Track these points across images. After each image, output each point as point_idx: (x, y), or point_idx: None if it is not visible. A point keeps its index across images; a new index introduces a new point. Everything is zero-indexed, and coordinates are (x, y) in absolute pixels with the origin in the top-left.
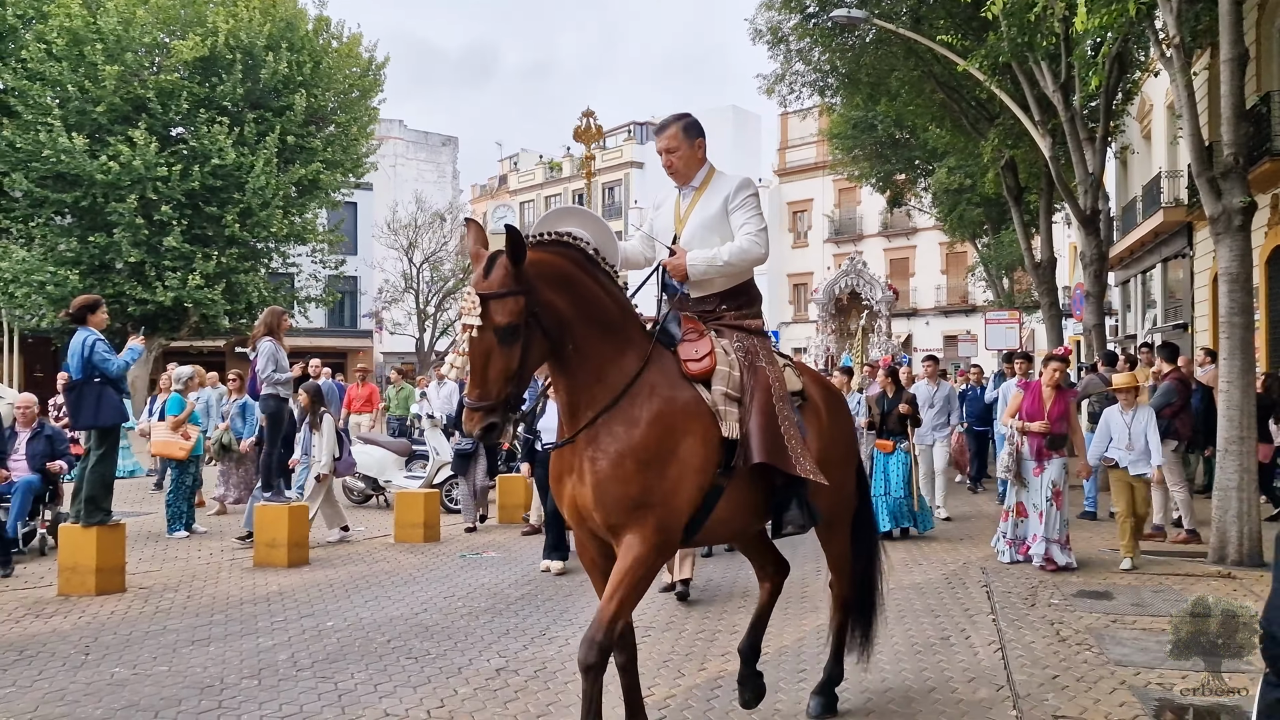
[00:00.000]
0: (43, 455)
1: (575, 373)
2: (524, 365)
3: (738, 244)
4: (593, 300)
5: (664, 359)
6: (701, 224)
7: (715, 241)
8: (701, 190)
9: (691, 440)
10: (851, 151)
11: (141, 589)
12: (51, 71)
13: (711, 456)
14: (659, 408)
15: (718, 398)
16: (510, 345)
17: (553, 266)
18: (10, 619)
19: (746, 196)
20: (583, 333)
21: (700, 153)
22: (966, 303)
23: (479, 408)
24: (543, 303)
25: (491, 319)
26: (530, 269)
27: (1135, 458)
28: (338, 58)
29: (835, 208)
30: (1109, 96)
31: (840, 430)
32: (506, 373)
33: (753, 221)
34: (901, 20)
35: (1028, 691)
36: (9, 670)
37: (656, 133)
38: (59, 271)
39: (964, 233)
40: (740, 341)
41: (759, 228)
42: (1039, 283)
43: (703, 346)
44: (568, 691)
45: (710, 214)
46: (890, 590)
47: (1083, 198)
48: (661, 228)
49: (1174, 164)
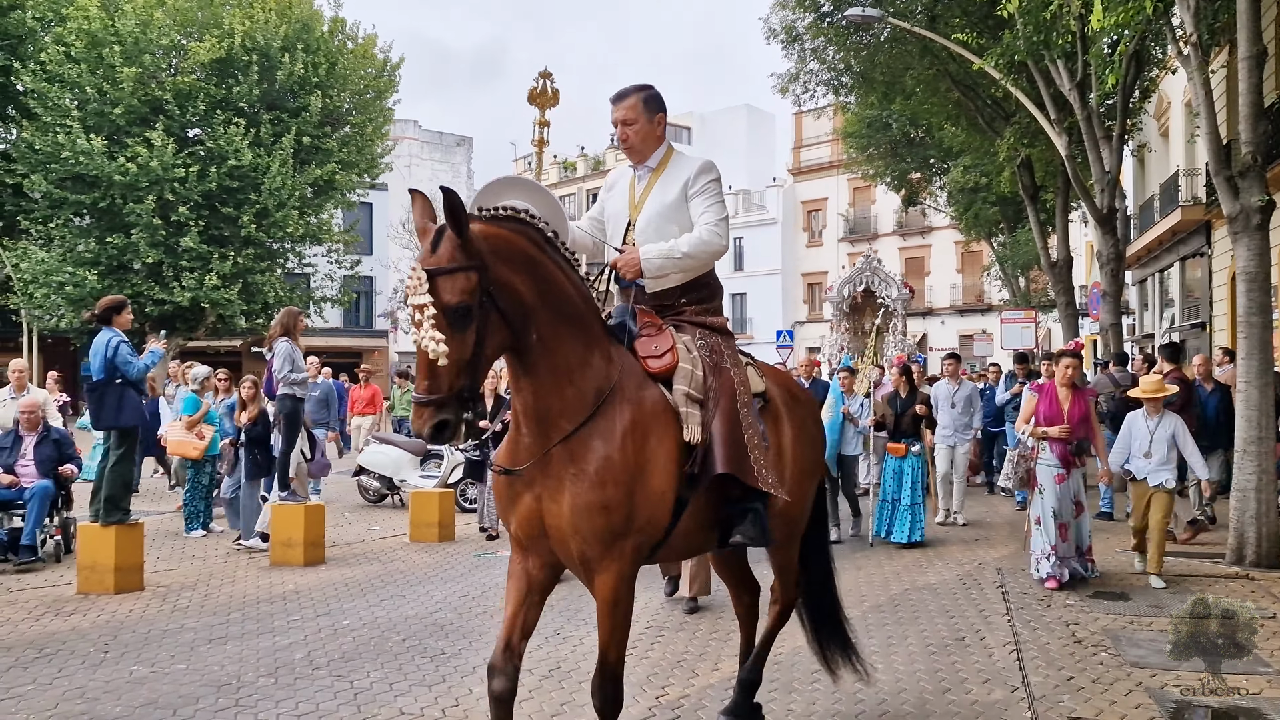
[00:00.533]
0: (51, 460)
1: (541, 370)
2: (479, 354)
3: (697, 235)
4: (556, 286)
5: (626, 355)
6: (659, 211)
7: (673, 230)
8: (659, 172)
9: (666, 448)
10: (866, 150)
11: (160, 588)
12: (70, 74)
13: (680, 465)
14: (632, 414)
15: (679, 398)
16: (462, 329)
17: (509, 243)
18: (30, 617)
19: (708, 182)
20: (547, 323)
21: (660, 130)
22: (982, 302)
23: (427, 402)
24: (499, 282)
25: (440, 298)
26: (483, 243)
27: (1154, 467)
28: (353, 59)
29: (850, 206)
30: (1126, 94)
31: (804, 436)
32: (459, 362)
33: (713, 210)
34: (917, 19)
35: (1043, 693)
36: (29, 668)
37: (613, 102)
38: (78, 272)
39: (979, 231)
40: (703, 339)
41: (720, 217)
42: (1055, 282)
43: (663, 342)
44: (582, 691)
45: (668, 199)
46: (905, 591)
47: (1099, 196)
48: (615, 211)
49: (1192, 162)
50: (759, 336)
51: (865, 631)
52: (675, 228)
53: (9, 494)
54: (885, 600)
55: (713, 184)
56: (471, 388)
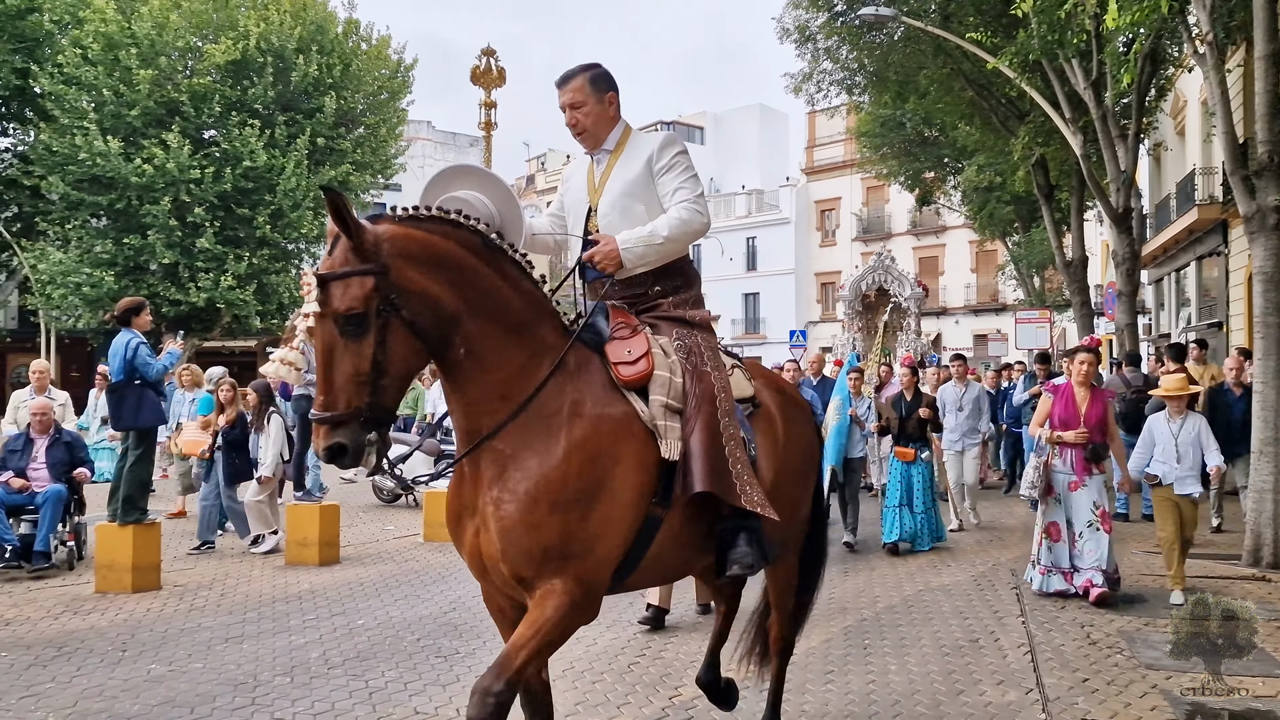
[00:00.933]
0: (64, 463)
1: (470, 384)
2: (381, 368)
3: (676, 215)
4: (490, 292)
5: (588, 364)
6: (623, 190)
7: (640, 211)
8: (618, 153)
9: (624, 468)
10: (880, 150)
11: (176, 587)
12: (87, 76)
13: (648, 483)
14: (583, 431)
15: (656, 410)
16: (357, 340)
17: (424, 245)
18: (49, 616)
19: (675, 155)
20: (477, 332)
21: (613, 110)
22: (997, 301)
23: (323, 420)
24: (405, 287)
25: (331, 305)
26: (386, 244)
27: (1183, 473)
28: (367, 60)
29: (863, 206)
30: (1141, 93)
31: (798, 443)
32: (356, 377)
33: (687, 185)
34: (930, 18)
35: (1057, 695)
36: (48, 666)
37: (558, 86)
38: (95, 273)
39: (994, 231)
40: (681, 339)
41: (695, 192)
42: (1070, 281)
43: (637, 346)
44: (595, 691)
45: (631, 178)
46: (919, 592)
47: (1115, 196)
48: (574, 201)
49: (1208, 161)
50: (772, 336)
51: (879, 632)
52: (642, 207)
53: (20, 498)
54: (899, 601)
55: (680, 157)
56: (375, 406)
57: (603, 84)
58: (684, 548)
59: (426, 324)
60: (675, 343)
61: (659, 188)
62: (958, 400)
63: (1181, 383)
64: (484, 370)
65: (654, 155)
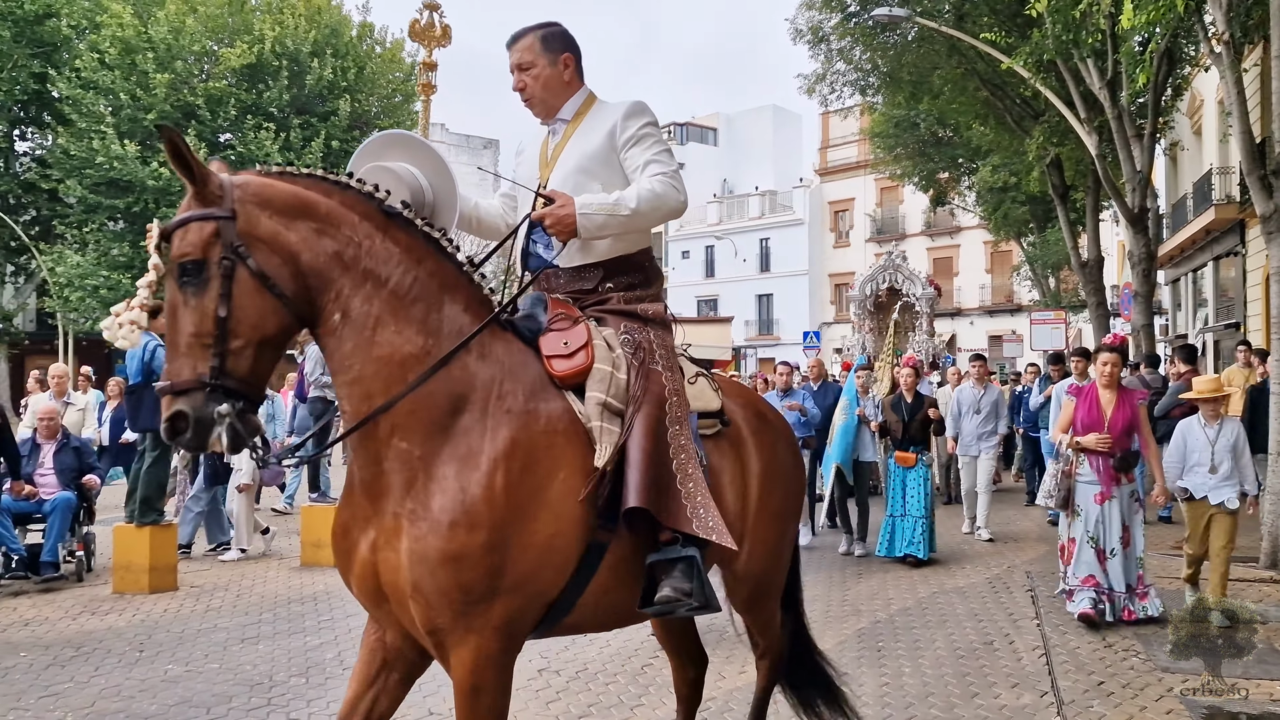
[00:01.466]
0: (72, 469)
1: (353, 359)
2: (226, 328)
3: (648, 186)
4: (380, 258)
5: (521, 357)
6: (578, 165)
7: (595, 189)
8: (576, 123)
9: (564, 479)
10: (893, 150)
11: (193, 588)
12: (104, 80)
13: (592, 499)
14: (513, 431)
15: (592, 410)
16: (197, 293)
17: (287, 195)
18: (68, 616)
19: (643, 126)
20: (359, 298)
21: (568, 73)
22: (1012, 302)
23: (164, 390)
24: (252, 234)
25: (170, 255)
26: (238, 190)
27: (1219, 482)
28: (381, 63)
29: (877, 207)
30: (1157, 93)
31: (777, 470)
32: (199, 337)
33: (661, 159)
34: (944, 18)
35: (1072, 698)
36: (66, 666)
37: (508, 47)
38: (112, 275)
39: (1009, 231)
40: (630, 334)
41: (669, 167)
42: (1086, 282)
43: (575, 337)
44: (609, 693)
45: (589, 150)
46: (933, 594)
47: (1130, 196)
48: (525, 178)
49: (1225, 160)
50: (786, 338)
51: (892, 635)
52: (598, 186)
53: (27, 506)
54: (913, 604)
55: (649, 128)
56: (222, 373)
57: (556, 43)
58: (635, 584)
59: (282, 278)
60: (622, 337)
61: (624, 163)
62: (975, 403)
63: (1216, 384)
64: (370, 344)
65: (617, 126)
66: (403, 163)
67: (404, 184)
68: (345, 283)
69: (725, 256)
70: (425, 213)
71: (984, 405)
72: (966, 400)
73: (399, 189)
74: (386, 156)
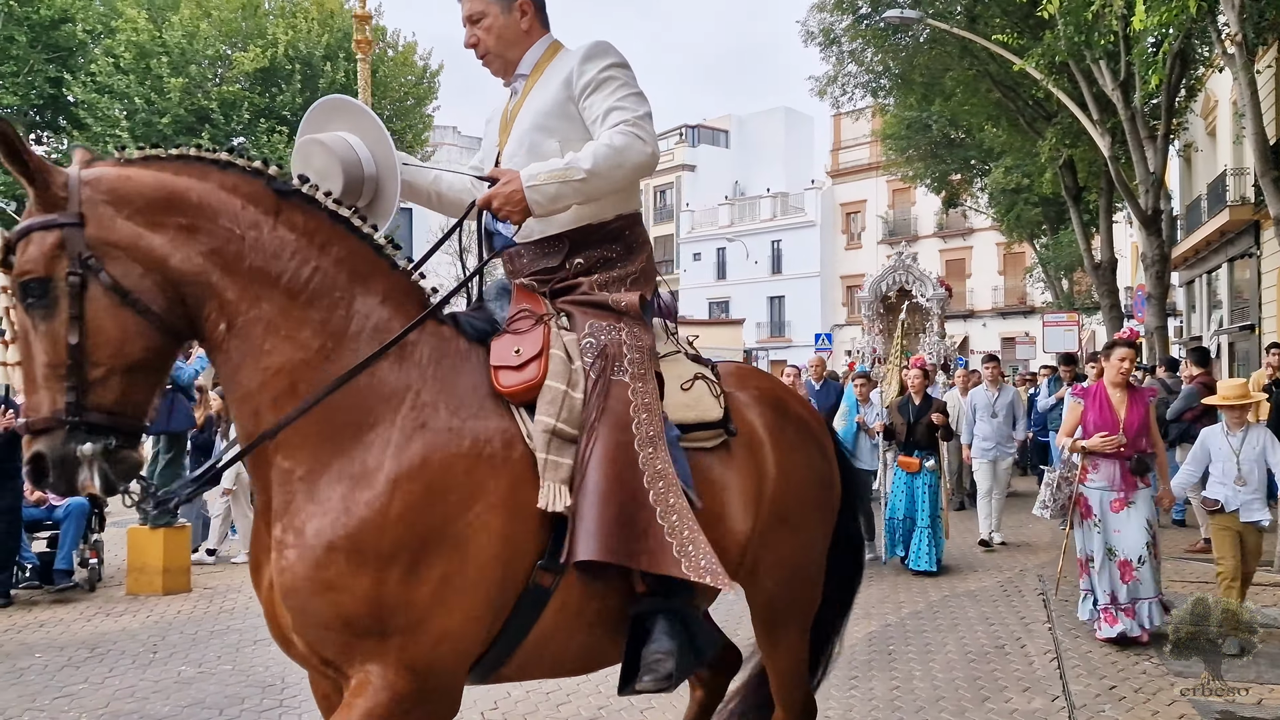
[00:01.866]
0: None
1: (241, 372)
2: (83, 355)
3: (606, 141)
4: (268, 250)
5: (458, 359)
6: (534, 124)
7: (552, 149)
8: (536, 76)
9: (485, 510)
10: (906, 152)
11: (206, 589)
12: (119, 84)
13: (526, 536)
14: (424, 450)
15: (538, 437)
16: (44, 316)
17: (149, 186)
18: (82, 617)
19: (606, 68)
20: (247, 302)
21: (526, 21)
22: (1025, 304)
23: (22, 429)
24: (107, 241)
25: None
26: (87, 188)
27: (1249, 496)
28: (393, 67)
29: (889, 208)
30: (1170, 94)
31: (804, 480)
32: (52, 369)
33: (624, 105)
34: (956, 20)
35: (1084, 702)
36: (81, 667)
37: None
38: None
39: (1022, 233)
40: (595, 335)
41: (638, 113)
42: (1099, 284)
43: (529, 344)
44: (619, 697)
45: (544, 106)
46: (944, 598)
47: (1144, 197)
48: (487, 148)
49: (1240, 161)
50: (798, 340)
51: (903, 638)
52: (555, 144)
53: (38, 513)
54: (924, 607)
55: (615, 70)
56: (84, 408)
57: None
58: (595, 627)
59: (146, 291)
60: (585, 340)
61: (584, 113)
62: (990, 405)
63: (1242, 390)
64: (259, 354)
65: (574, 72)
66: (345, 133)
67: (336, 157)
68: (228, 286)
69: (737, 258)
70: (367, 189)
71: (999, 408)
72: (981, 403)
73: (332, 163)
74: (331, 125)
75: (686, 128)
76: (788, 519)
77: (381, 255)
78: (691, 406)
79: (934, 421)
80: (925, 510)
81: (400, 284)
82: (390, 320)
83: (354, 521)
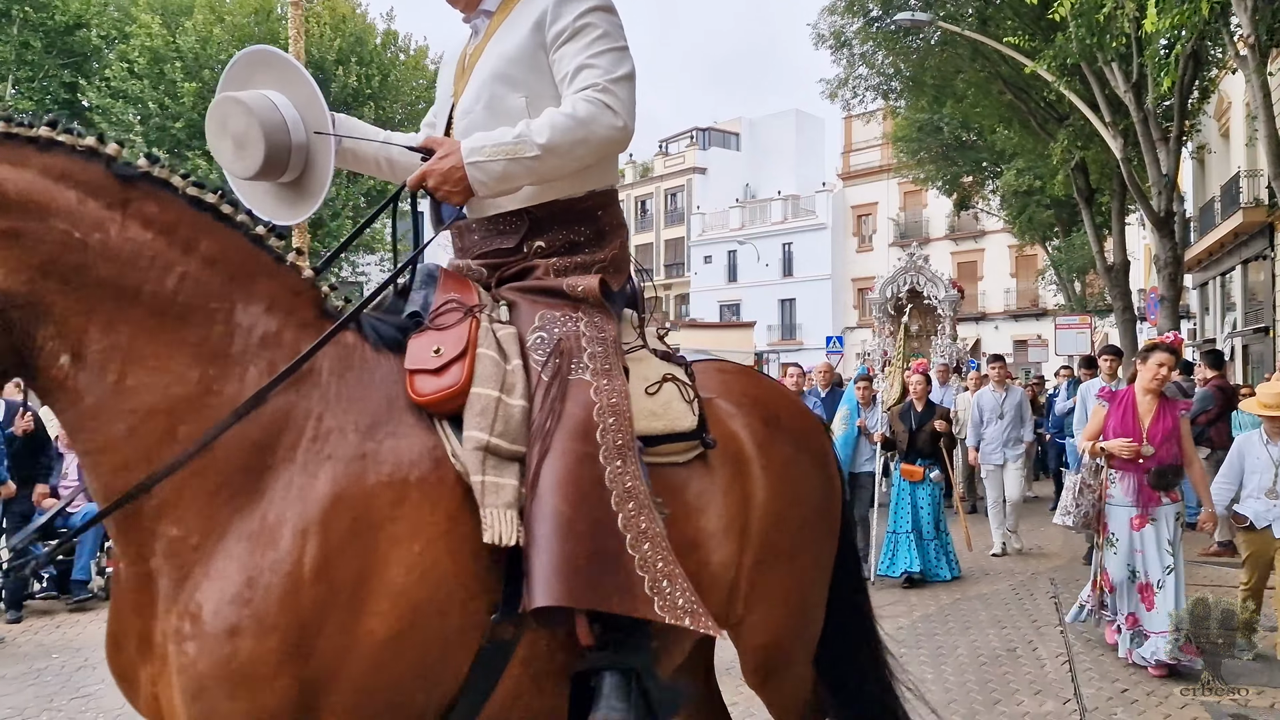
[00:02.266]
0: None
1: (96, 418)
2: None
3: (567, 109)
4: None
5: (362, 371)
6: (494, 72)
7: (518, 106)
8: (503, 14)
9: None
10: (917, 154)
11: None
12: (133, 89)
13: (470, 578)
14: (334, 485)
15: (470, 458)
16: None
17: None
18: (99, 620)
19: (585, 13)
20: (97, 325)
21: None
22: (1037, 306)
23: None
24: None
25: None
26: None
27: None
28: (405, 70)
29: (900, 211)
30: (1183, 96)
31: (795, 497)
32: None
33: (596, 62)
34: (967, 22)
35: (1096, 705)
36: (98, 669)
37: None
38: None
39: (1034, 235)
40: (547, 328)
41: (614, 74)
42: (1112, 286)
43: (451, 340)
44: None
45: (511, 49)
46: (955, 601)
47: (1156, 199)
48: (441, 99)
49: (1254, 163)
50: (809, 342)
51: (915, 641)
52: (521, 99)
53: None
54: (935, 610)
55: (594, 15)
56: None
57: None
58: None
59: None
60: (536, 335)
61: (554, 67)
62: (997, 407)
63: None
64: (119, 392)
65: (548, 14)
66: (270, 91)
67: (257, 119)
68: (69, 306)
69: (748, 261)
70: (295, 159)
71: (1006, 409)
72: (987, 405)
73: (252, 126)
74: (253, 83)
75: (698, 130)
76: (783, 552)
77: (261, 247)
78: (658, 415)
79: (937, 429)
80: (931, 522)
81: (287, 283)
82: (280, 331)
83: (258, 591)
